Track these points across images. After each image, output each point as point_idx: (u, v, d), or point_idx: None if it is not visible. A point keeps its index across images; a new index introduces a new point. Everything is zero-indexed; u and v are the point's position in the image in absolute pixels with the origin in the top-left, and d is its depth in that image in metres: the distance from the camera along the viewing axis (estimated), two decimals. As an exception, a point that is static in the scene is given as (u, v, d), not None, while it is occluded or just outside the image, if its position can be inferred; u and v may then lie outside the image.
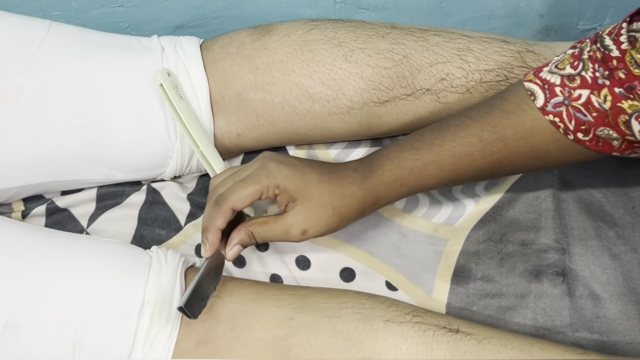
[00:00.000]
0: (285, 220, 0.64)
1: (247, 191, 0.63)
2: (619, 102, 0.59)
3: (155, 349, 0.61)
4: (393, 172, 0.66)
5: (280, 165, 0.64)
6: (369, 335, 0.61)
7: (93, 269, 0.64)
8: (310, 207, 0.64)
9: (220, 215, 0.63)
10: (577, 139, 0.63)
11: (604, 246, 0.74)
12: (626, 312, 0.71)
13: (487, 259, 0.75)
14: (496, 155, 0.65)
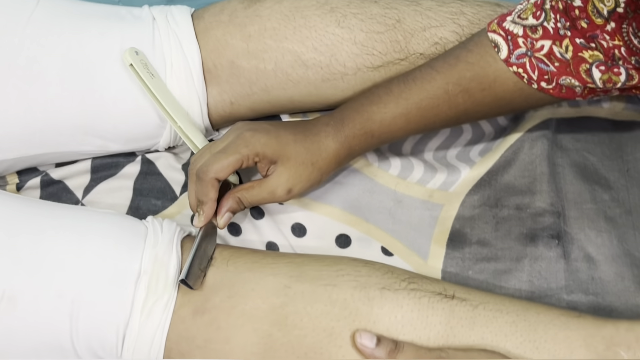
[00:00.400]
0: (270, 182, 0.67)
1: (227, 161, 0.64)
2: (580, 52, 0.62)
3: (152, 319, 0.61)
4: (363, 125, 0.69)
5: (256, 134, 0.66)
6: (365, 304, 0.61)
7: (89, 239, 0.64)
8: (291, 166, 0.67)
9: (208, 187, 0.65)
10: (540, 88, 0.66)
11: (599, 209, 0.75)
12: (621, 273, 0.71)
13: (482, 224, 0.75)
14: (461, 106, 0.69)
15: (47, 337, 0.60)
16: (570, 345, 0.60)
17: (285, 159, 0.66)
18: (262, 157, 0.66)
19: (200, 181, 0.65)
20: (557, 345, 0.60)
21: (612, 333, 0.60)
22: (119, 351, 0.61)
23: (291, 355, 0.60)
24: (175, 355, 0.61)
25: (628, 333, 0.60)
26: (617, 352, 0.59)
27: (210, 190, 0.65)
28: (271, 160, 0.66)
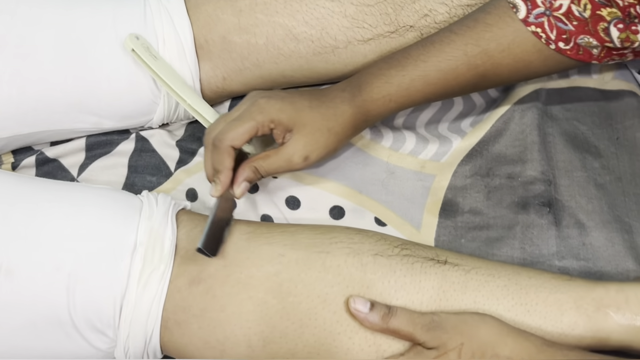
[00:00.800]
0: (286, 150, 0.66)
1: (242, 128, 0.64)
2: (598, 10, 0.62)
3: (148, 289, 0.61)
4: (381, 89, 0.68)
5: (271, 100, 0.66)
6: (358, 269, 0.62)
7: (84, 213, 0.64)
8: (307, 133, 0.66)
9: (225, 155, 0.65)
10: (558, 49, 0.66)
11: (589, 177, 0.75)
12: (611, 239, 0.72)
13: (474, 193, 0.76)
14: (480, 68, 0.68)
15: (44, 309, 0.61)
16: (561, 307, 0.61)
17: (301, 125, 0.66)
18: (277, 124, 0.66)
19: (216, 149, 0.65)
20: (548, 307, 0.61)
21: (602, 295, 0.61)
22: (116, 322, 0.61)
23: (286, 322, 0.60)
24: (172, 325, 0.62)
25: (618, 294, 0.61)
26: (606, 313, 0.60)
27: (226, 159, 0.65)
28: (287, 127, 0.66)
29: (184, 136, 0.81)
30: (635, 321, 0.60)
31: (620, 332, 0.60)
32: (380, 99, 0.69)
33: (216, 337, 0.61)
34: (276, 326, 0.60)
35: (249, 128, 0.65)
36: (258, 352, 0.61)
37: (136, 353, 0.63)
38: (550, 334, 0.61)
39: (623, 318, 0.60)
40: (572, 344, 0.60)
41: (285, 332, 0.60)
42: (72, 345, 0.62)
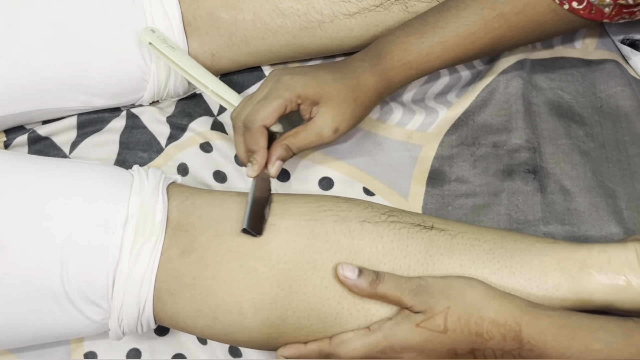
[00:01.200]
0: (315, 124, 0.68)
1: (272, 107, 0.66)
2: None
3: (140, 261, 0.62)
4: (401, 57, 0.70)
5: (295, 76, 0.67)
6: (346, 236, 0.63)
7: (76, 187, 0.65)
8: (334, 105, 0.68)
9: (258, 135, 0.66)
10: (571, 9, 0.68)
11: (574, 144, 0.77)
12: (595, 204, 0.73)
13: (461, 162, 0.77)
14: (497, 31, 0.70)
15: (38, 283, 0.61)
16: (545, 269, 0.62)
17: (327, 98, 0.67)
18: (304, 99, 0.67)
19: (249, 131, 0.66)
20: (532, 269, 0.63)
21: (585, 256, 0.62)
22: (109, 293, 0.62)
23: (276, 288, 0.61)
24: (165, 295, 0.63)
25: (600, 255, 0.62)
26: (589, 273, 0.62)
27: (260, 138, 0.66)
28: (313, 101, 0.67)
29: (174, 112, 0.82)
30: (617, 280, 0.61)
31: (602, 291, 0.61)
32: (400, 67, 0.70)
33: (208, 305, 0.62)
34: (267, 293, 0.61)
35: (278, 106, 0.66)
36: (249, 318, 0.62)
37: (130, 323, 0.64)
38: (535, 295, 0.62)
39: (605, 278, 0.61)
40: (556, 305, 0.62)
41: (275, 298, 0.61)
42: (67, 317, 0.63)
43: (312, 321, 0.62)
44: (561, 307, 0.62)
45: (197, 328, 0.64)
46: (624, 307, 0.61)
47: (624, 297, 0.61)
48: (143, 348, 0.73)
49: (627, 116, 0.78)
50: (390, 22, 0.77)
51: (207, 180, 0.78)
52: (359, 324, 0.61)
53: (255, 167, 0.67)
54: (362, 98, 0.69)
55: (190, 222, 0.65)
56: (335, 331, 0.61)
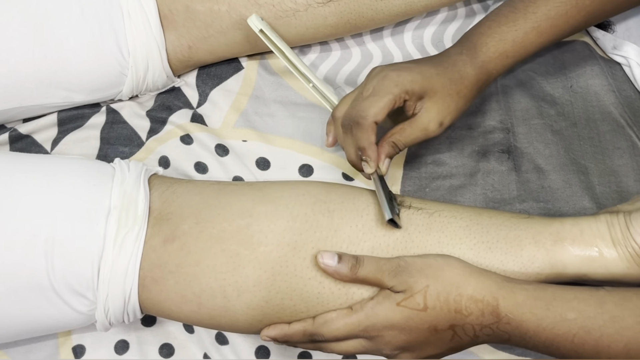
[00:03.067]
0: (420, 119, 0.68)
1: (382, 102, 0.65)
2: None
3: (124, 250, 0.63)
4: (497, 47, 0.70)
5: (401, 73, 0.67)
6: (325, 215, 0.64)
7: (58, 181, 0.66)
8: (438, 99, 0.68)
9: (369, 132, 0.66)
10: None
11: (546, 124, 0.78)
12: (568, 180, 0.75)
13: (437, 145, 0.78)
14: (589, 7, 0.70)
15: (24, 276, 0.62)
16: (520, 243, 0.64)
17: (432, 92, 0.67)
18: (411, 95, 0.66)
19: (359, 127, 0.66)
20: (508, 244, 0.64)
21: (558, 229, 0.64)
22: (95, 284, 0.63)
23: (258, 271, 0.63)
24: (150, 283, 0.64)
25: (573, 227, 0.64)
26: (563, 245, 0.63)
27: (371, 135, 0.66)
28: (419, 96, 0.67)
29: (154, 106, 0.83)
30: (589, 251, 0.63)
31: (576, 262, 0.63)
32: (497, 57, 0.70)
33: (192, 291, 0.63)
34: (249, 276, 0.62)
35: (388, 102, 0.65)
36: (233, 302, 0.63)
37: (116, 313, 0.65)
38: (511, 269, 0.63)
39: (578, 249, 0.63)
40: (532, 277, 0.63)
41: (258, 280, 0.62)
42: (54, 310, 0.64)
43: (295, 301, 0.63)
44: (537, 280, 0.63)
45: (182, 314, 0.65)
46: (597, 278, 0.63)
47: (597, 268, 0.62)
48: (131, 339, 0.74)
49: (596, 94, 0.80)
50: (363, 9, 0.79)
51: (189, 172, 0.78)
52: (341, 303, 0.62)
53: (371, 164, 0.66)
54: (465, 91, 0.69)
55: (172, 211, 0.65)
56: (318, 310, 0.63)
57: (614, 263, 0.62)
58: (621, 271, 0.62)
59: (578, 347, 0.57)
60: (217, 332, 0.74)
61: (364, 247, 0.63)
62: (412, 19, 0.89)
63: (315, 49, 0.86)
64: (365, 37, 0.88)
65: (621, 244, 0.62)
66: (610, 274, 0.62)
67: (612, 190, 0.75)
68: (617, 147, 0.77)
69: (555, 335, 0.57)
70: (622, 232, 0.62)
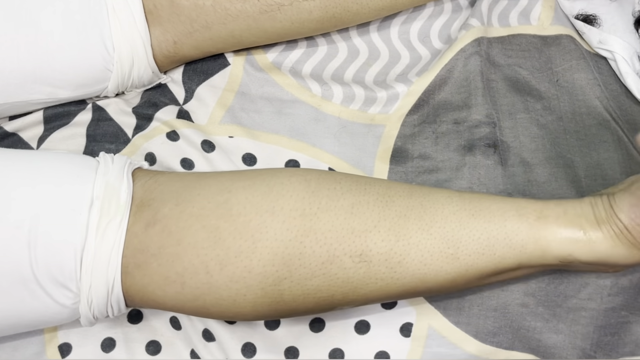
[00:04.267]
0: None
1: None
2: None
3: (106, 239, 0.63)
4: None
5: None
6: (302, 183, 0.64)
7: (42, 172, 0.66)
8: None
9: None
10: None
11: (532, 118, 0.79)
12: (554, 174, 0.75)
13: (423, 139, 0.78)
14: None
15: (7, 268, 0.62)
16: (504, 214, 0.63)
17: None
18: None
19: None
20: (491, 214, 0.63)
21: (542, 207, 0.63)
22: (77, 274, 0.63)
23: (239, 240, 0.62)
24: (133, 269, 0.64)
25: (556, 207, 0.63)
26: (547, 222, 0.62)
27: None
28: None
29: (140, 103, 0.83)
30: (573, 230, 0.62)
31: (559, 240, 0.62)
32: None
33: (175, 271, 0.63)
34: (230, 247, 0.62)
35: None
36: (216, 276, 0.63)
37: (100, 304, 0.64)
38: (495, 237, 0.62)
39: (562, 228, 0.62)
40: (516, 250, 0.62)
41: (239, 250, 0.62)
42: (37, 304, 0.63)
43: (277, 267, 0.62)
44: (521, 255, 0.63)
45: (167, 297, 0.64)
46: (582, 258, 0.62)
47: (581, 247, 0.62)
48: (117, 337, 0.74)
49: (582, 89, 0.80)
50: (348, 2, 0.78)
51: (175, 168, 0.78)
52: (323, 262, 0.62)
53: None
54: None
55: (153, 197, 0.66)
56: (301, 273, 0.62)
57: (599, 242, 0.62)
58: (605, 250, 0.62)
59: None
60: (204, 329, 0.74)
61: (343, 204, 0.63)
62: (399, 14, 0.89)
63: (301, 44, 0.86)
64: (351, 32, 0.88)
65: (605, 223, 0.62)
66: (595, 253, 0.62)
67: (598, 184, 0.75)
68: (602, 140, 0.77)
69: None
70: (606, 211, 0.62)
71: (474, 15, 0.86)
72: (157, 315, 0.75)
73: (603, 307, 0.72)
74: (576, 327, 0.71)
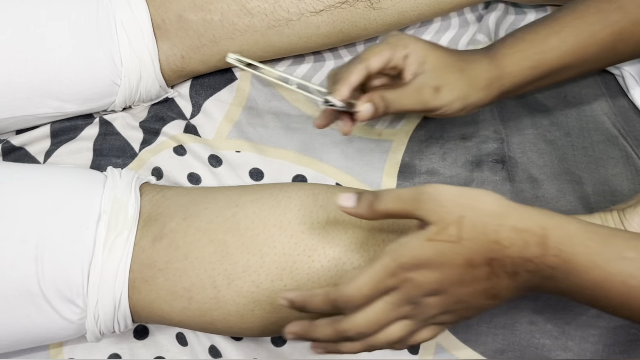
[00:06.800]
0: (416, 80, 0.64)
1: (378, 48, 0.62)
2: None
3: (114, 254, 0.63)
4: (514, 44, 0.68)
5: (409, 36, 0.65)
6: (309, 197, 0.64)
7: (49, 188, 0.66)
8: (439, 67, 0.64)
9: (356, 71, 0.62)
10: None
11: (540, 133, 0.78)
12: (562, 190, 0.75)
13: (430, 155, 0.78)
14: (616, 25, 0.67)
15: (14, 282, 0.62)
16: None
17: (435, 58, 0.64)
18: (411, 52, 0.63)
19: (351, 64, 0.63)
20: None
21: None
22: (85, 290, 0.63)
23: (247, 255, 0.62)
24: (140, 284, 0.63)
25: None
26: None
27: (354, 75, 0.62)
28: (419, 58, 0.63)
29: (147, 117, 0.83)
30: None
31: None
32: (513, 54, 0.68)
33: (182, 285, 0.63)
34: (238, 262, 0.62)
35: (385, 49, 0.62)
36: (223, 291, 0.62)
37: (106, 320, 0.64)
38: None
39: None
40: None
41: (247, 265, 0.62)
42: (43, 319, 0.63)
43: (285, 281, 0.62)
44: None
45: (173, 313, 0.64)
46: None
47: None
48: (123, 352, 0.73)
49: (590, 104, 0.80)
50: (356, 18, 0.79)
51: (182, 183, 0.78)
52: (331, 276, 0.62)
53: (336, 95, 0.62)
54: (470, 73, 0.65)
55: (160, 212, 0.65)
56: (308, 287, 0.62)
57: None
58: None
59: (631, 291, 0.50)
60: (210, 345, 0.73)
61: (351, 218, 0.62)
62: (406, 29, 0.89)
63: (309, 59, 0.86)
64: (358, 47, 0.88)
65: None
66: None
67: (606, 200, 0.75)
68: (610, 156, 0.77)
69: (608, 274, 0.50)
70: (617, 227, 0.61)
71: (481, 31, 0.86)
72: (163, 331, 0.74)
73: (612, 325, 0.71)
74: (585, 344, 0.71)
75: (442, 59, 0.65)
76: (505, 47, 0.68)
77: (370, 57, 0.62)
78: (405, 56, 0.63)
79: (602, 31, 0.67)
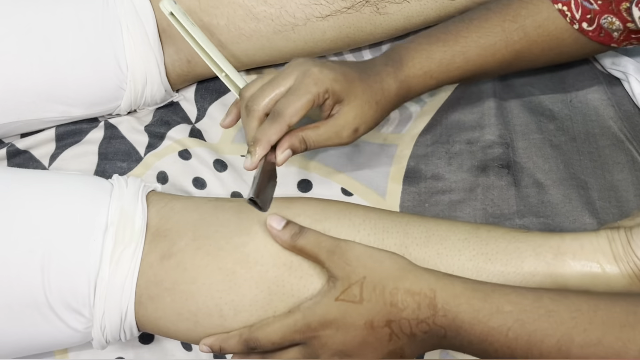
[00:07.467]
0: (336, 121, 0.65)
1: (300, 103, 0.62)
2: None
3: (121, 267, 0.63)
4: (423, 65, 0.70)
5: (324, 70, 0.64)
6: (318, 228, 0.63)
7: (56, 197, 0.66)
8: (357, 105, 0.66)
9: (276, 131, 0.62)
10: (581, 29, 0.69)
11: (545, 138, 0.78)
12: (568, 195, 0.75)
13: (436, 159, 0.78)
14: (517, 44, 0.71)
15: (20, 291, 0.62)
16: (521, 255, 0.63)
17: (353, 97, 0.65)
18: (331, 94, 0.63)
19: (271, 122, 0.62)
20: (508, 255, 0.63)
21: (559, 243, 0.63)
22: (91, 300, 0.62)
23: (255, 290, 0.62)
24: (146, 300, 0.63)
25: (573, 242, 0.63)
26: (564, 260, 0.63)
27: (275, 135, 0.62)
28: (339, 98, 0.64)
29: (152, 121, 0.83)
30: (590, 266, 0.62)
31: (577, 277, 0.62)
32: (421, 75, 0.70)
33: (188, 309, 0.63)
34: (245, 295, 0.62)
35: (306, 102, 0.62)
36: (230, 321, 0.62)
37: (112, 331, 0.64)
38: (513, 280, 0.62)
39: (579, 264, 0.62)
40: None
41: (254, 299, 0.62)
42: (49, 327, 0.63)
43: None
44: None
45: (179, 332, 0.64)
46: None
47: (599, 283, 0.62)
48: (128, 357, 0.73)
49: (595, 109, 0.80)
50: (362, 23, 0.79)
51: (187, 187, 0.78)
52: None
53: (253, 160, 0.62)
54: (384, 102, 0.68)
55: (169, 227, 0.65)
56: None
57: (616, 279, 0.61)
58: (623, 288, 0.61)
59: (511, 342, 0.54)
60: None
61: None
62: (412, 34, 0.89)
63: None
64: (364, 51, 0.88)
65: (622, 259, 0.61)
66: (612, 290, 0.62)
67: (612, 205, 0.75)
68: (616, 161, 0.77)
69: (490, 328, 0.54)
70: (624, 247, 0.61)
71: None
72: (169, 336, 0.74)
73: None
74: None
75: (360, 96, 0.66)
76: (415, 67, 0.70)
77: (294, 114, 0.62)
78: (324, 98, 0.64)
79: (504, 50, 0.71)
